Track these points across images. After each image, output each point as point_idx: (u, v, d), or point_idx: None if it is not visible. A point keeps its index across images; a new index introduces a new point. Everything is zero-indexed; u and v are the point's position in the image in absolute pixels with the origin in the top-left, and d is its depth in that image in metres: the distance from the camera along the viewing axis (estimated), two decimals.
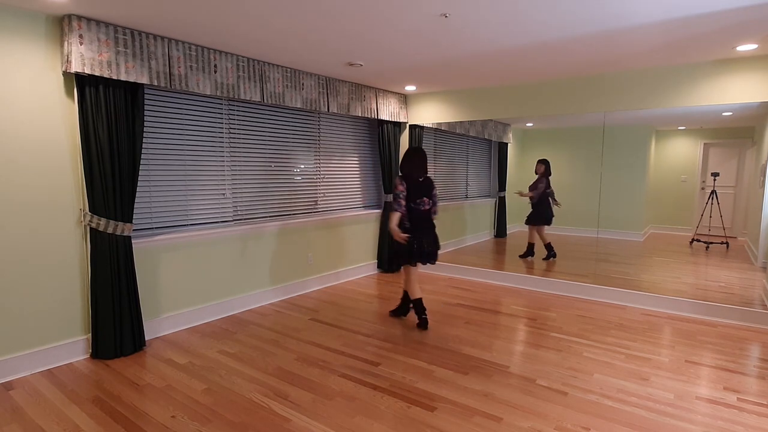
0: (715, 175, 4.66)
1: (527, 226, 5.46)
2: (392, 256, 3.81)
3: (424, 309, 3.71)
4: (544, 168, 5.24)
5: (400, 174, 3.63)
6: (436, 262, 4.15)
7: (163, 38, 3.19)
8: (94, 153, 2.92)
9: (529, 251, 5.48)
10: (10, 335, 2.79)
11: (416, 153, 3.63)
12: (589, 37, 3.16)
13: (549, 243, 5.38)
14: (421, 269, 5.79)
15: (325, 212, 5.11)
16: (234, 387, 2.70)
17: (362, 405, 2.50)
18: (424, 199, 3.58)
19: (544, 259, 5.38)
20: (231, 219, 4.12)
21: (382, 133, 5.43)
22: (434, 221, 3.74)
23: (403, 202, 3.53)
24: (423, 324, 3.66)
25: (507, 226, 5.91)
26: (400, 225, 3.59)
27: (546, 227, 5.37)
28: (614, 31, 3.04)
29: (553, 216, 5.28)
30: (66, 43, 2.78)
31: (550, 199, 5.27)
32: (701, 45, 3.34)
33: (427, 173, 3.68)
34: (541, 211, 5.34)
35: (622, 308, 4.25)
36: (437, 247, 3.70)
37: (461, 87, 5.15)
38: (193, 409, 2.45)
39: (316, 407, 2.47)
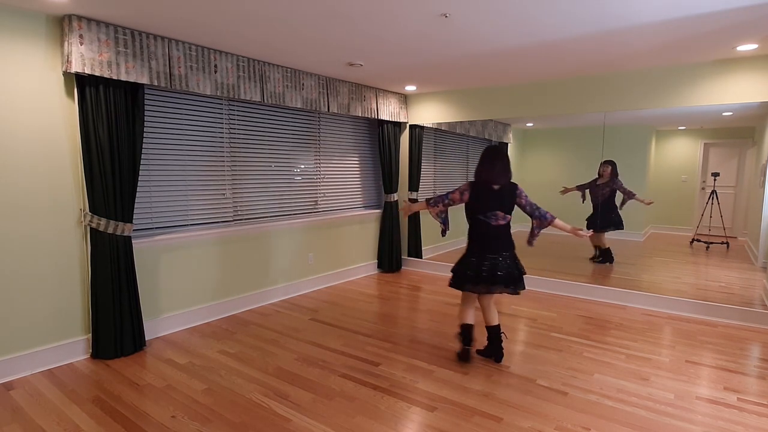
0: (715, 175, 4.65)
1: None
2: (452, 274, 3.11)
3: (472, 338, 3.09)
4: (610, 169, 4.90)
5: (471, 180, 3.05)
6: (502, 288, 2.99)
7: (163, 38, 3.19)
8: (94, 153, 2.92)
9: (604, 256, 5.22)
10: (10, 335, 2.79)
11: (497, 155, 2.95)
12: (589, 37, 3.16)
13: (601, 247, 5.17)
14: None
15: (326, 212, 5.10)
16: (234, 387, 2.70)
17: (362, 405, 2.50)
18: (498, 212, 2.94)
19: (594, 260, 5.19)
20: (231, 219, 4.12)
21: (382, 133, 5.43)
22: (511, 240, 3.04)
23: (445, 201, 3.05)
24: (463, 355, 3.09)
25: None
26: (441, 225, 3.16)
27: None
28: (614, 32, 3.04)
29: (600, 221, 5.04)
30: (66, 43, 2.78)
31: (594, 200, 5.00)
32: (701, 45, 3.34)
33: (508, 179, 2.98)
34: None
35: (622, 308, 4.25)
36: (512, 271, 2.94)
37: (461, 87, 5.15)
38: (193, 409, 2.45)
39: (317, 407, 2.47)
